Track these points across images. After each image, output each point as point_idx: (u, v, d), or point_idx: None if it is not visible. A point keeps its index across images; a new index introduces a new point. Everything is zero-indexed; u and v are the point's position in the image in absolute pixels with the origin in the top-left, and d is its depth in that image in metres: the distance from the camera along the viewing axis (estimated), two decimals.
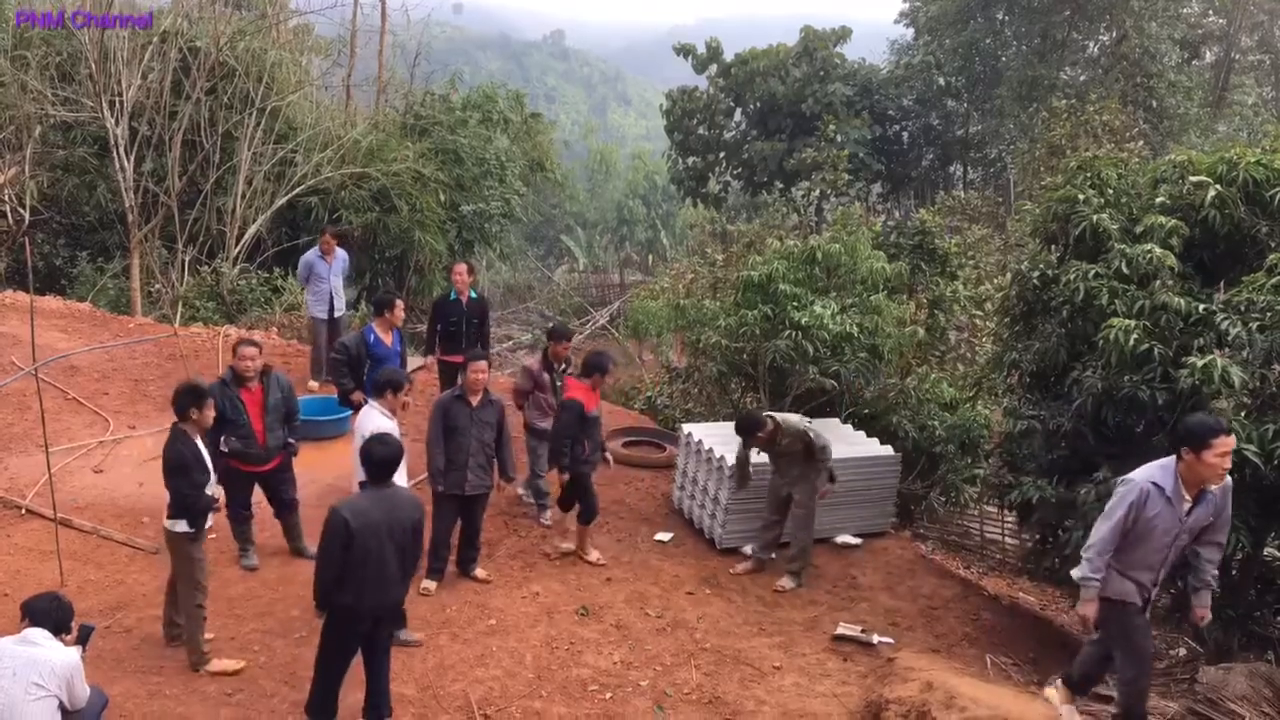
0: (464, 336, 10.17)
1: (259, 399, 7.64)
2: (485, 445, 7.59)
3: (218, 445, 7.47)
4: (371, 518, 5.55)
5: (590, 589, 8.15)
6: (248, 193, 17.34)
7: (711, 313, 11.31)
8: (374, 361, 8.88)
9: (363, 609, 5.64)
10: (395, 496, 5.69)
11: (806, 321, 10.02)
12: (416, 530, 5.74)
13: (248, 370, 7.58)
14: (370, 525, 5.53)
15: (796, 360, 10.21)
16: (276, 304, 15.83)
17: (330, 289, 11.55)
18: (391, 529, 5.58)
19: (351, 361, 8.86)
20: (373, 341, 9.02)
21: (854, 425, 10.47)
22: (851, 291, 10.96)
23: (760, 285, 10.49)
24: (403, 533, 5.63)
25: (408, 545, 5.68)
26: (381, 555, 5.57)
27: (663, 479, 10.60)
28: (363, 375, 8.87)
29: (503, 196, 21.09)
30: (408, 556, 5.71)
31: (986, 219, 23.23)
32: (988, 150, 33.78)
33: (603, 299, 35.41)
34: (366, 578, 5.56)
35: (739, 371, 11.32)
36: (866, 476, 9.57)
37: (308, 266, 11.58)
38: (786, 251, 10.95)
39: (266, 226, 17.57)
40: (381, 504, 5.60)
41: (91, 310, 14.34)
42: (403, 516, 5.65)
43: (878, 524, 9.80)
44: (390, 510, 5.60)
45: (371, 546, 5.54)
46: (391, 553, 5.60)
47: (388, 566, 5.59)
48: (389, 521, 5.57)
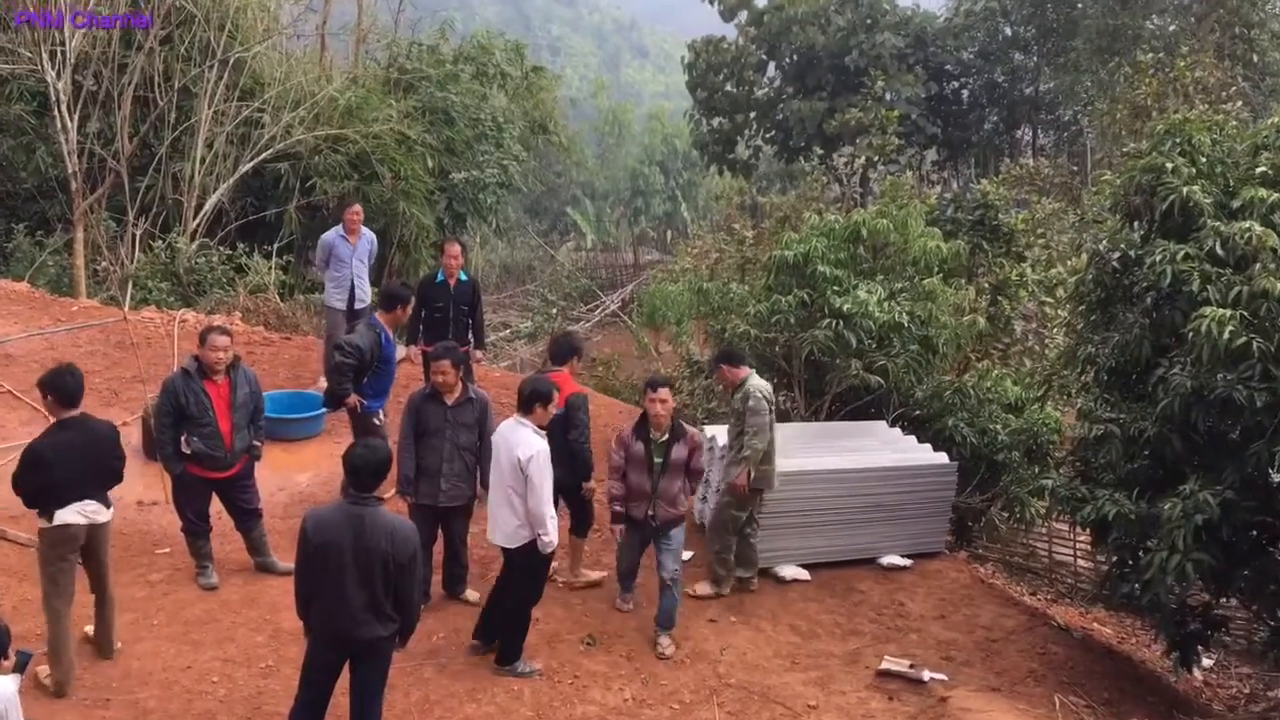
0: (452, 325, 10.17)
1: (226, 394, 7.64)
2: (463, 450, 7.60)
3: (177, 445, 7.52)
4: (334, 534, 5.46)
5: (598, 615, 8.17)
6: (208, 157, 17.42)
7: (739, 298, 11.28)
8: (382, 363, 8.66)
9: (326, 637, 5.63)
10: (374, 519, 5.53)
11: (849, 309, 10.00)
12: (400, 567, 5.53)
13: (220, 363, 7.59)
14: (331, 544, 5.45)
15: (837, 353, 10.19)
16: (240, 285, 15.91)
17: (352, 275, 11.27)
18: (358, 554, 5.45)
19: (362, 367, 8.55)
20: (385, 341, 8.70)
21: (903, 429, 10.46)
22: (901, 274, 10.92)
23: (796, 266, 10.47)
24: (371, 563, 5.46)
25: (378, 580, 5.50)
26: (341, 581, 5.46)
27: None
28: (368, 373, 8.62)
29: (499, 163, 21.12)
30: (379, 592, 5.52)
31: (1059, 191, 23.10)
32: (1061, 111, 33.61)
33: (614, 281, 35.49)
34: (325, 602, 5.53)
35: (771, 366, 11.29)
36: (917, 488, 9.57)
37: (327, 248, 11.34)
38: (826, 227, 10.92)
39: (229, 196, 17.66)
40: (352, 522, 5.48)
41: (29, 291, 14.44)
42: (375, 545, 5.47)
43: (930, 543, 9.79)
44: (360, 532, 5.47)
45: (330, 568, 5.46)
46: (354, 582, 5.46)
47: (347, 596, 5.47)
48: (356, 545, 5.45)
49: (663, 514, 7.74)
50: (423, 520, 7.61)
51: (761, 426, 8.26)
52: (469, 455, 7.64)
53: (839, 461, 9.50)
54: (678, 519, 7.80)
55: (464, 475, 7.64)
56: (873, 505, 9.44)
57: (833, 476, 9.31)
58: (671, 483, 7.71)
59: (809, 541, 9.28)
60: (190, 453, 7.53)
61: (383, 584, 5.52)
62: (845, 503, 9.35)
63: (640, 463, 7.73)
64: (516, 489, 6.89)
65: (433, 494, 7.58)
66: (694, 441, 7.82)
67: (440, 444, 7.55)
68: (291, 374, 12.35)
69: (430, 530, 7.69)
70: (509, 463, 6.89)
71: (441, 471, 7.55)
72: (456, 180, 20.28)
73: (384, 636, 5.64)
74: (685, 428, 7.84)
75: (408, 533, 5.63)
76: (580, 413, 7.91)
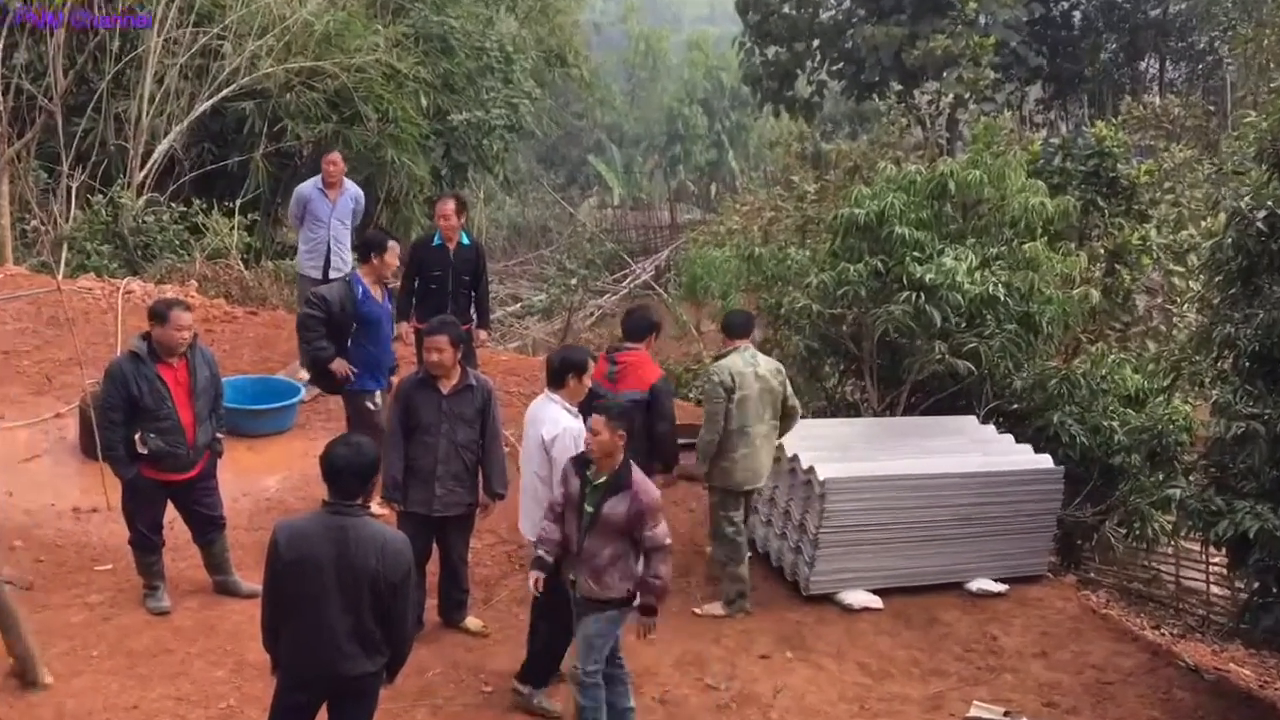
0: (450, 298, 10.21)
1: (185, 380, 7.66)
2: (462, 448, 7.64)
3: (129, 445, 7.58)
4: (311, 548, 5.47)
5: (627, 649, 8.19)
6: (158, 95, 17.51)
7: (799, 266, 11.25)
8: (361, 324, 8.84)
9: (297, 675, 5.64)
10: (360, 531, 5.53)
11: (932, 279, 9.95)
12: (392, 587, 5.54)
13: (182, 344, 7.65)
14: (308, 559, 5.46)
15: (917, 334, 10.16)
16: (196, 248, 16.02)
17: (329, 237, 11.40)
18: (341, 573, 5.45)
19: (332, 320, 8.72)
20: (361, 296, 8.86)
21: (997, 426, 10.42)
22: (997, 238, 10.86)
23: (868, 228, 10.43)
24: (357, 583, 5.47)
25: (365, 604, 5.50)
26: (319, 606, 5.46)
27: None
28: (346, 339, 8.80)
29: (508, 101, 21.14)
30: (366, 619, 5.53)
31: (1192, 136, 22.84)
32: (1194, 38, 33.21)
33: (646, 245, 35.44)
34: (299, 632, 5.53)
35: (836, 349, 11.26)
36: (1014, 498, 9.55)
37: (302, 202, 11.48)
38: (905, 181, 10.86)
39: (183, 142, 17.77)
40: (332, 533, 5.48)
41: None
42: (361, 562, 5.47)
43: (1030, 565, 9.77)
44: (344, 546, 5.47)
45: (306, 590, 5.46)
46: (337, 607, 5.47)
47: (328, 624, 5.47)
48: (339, 562, 5.45)
49: (583, 587, 6.75)
50: (414, 532, 7.58)
51: (711, 416, 8.58)
52: (469, 454, 7.67)
53: (918, 465, 9.47)
54: (601, 603, 6.73)
55: (463, 478, 7.68)
56: (960, 519, 9.41)
57: (910, 484, 9.28)
58: (600, 547, 6.66)
59: (882, 563, 9.27)
60: (147, 452, 7.55)
61: (371, 609, 5.53)
62: (926, 515, 9.33)
63: (573, 506, 6.81)
64: (541, 474, 7.14)
65: (425, 501, 7.62)
66: (642, 502, 6.59)
67: (435, 440, 7.58)
68: (258, 356, 12.44)
69: (423, 544, 7.70)
70: (534, 443, 7.21)
71: (436, 474, 7.59)
72: (456, 123, 20.32)
73: (371, 673, 5.66)
74: (636, 477, 6.67)
75: (400, 547, 5.63)
76: (668, 401, 8.17)
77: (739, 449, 8.65)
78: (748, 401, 8.63)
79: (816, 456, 9.16)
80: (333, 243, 11.40)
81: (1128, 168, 12.52)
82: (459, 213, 10.30)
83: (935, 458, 9.64)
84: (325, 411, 11.08)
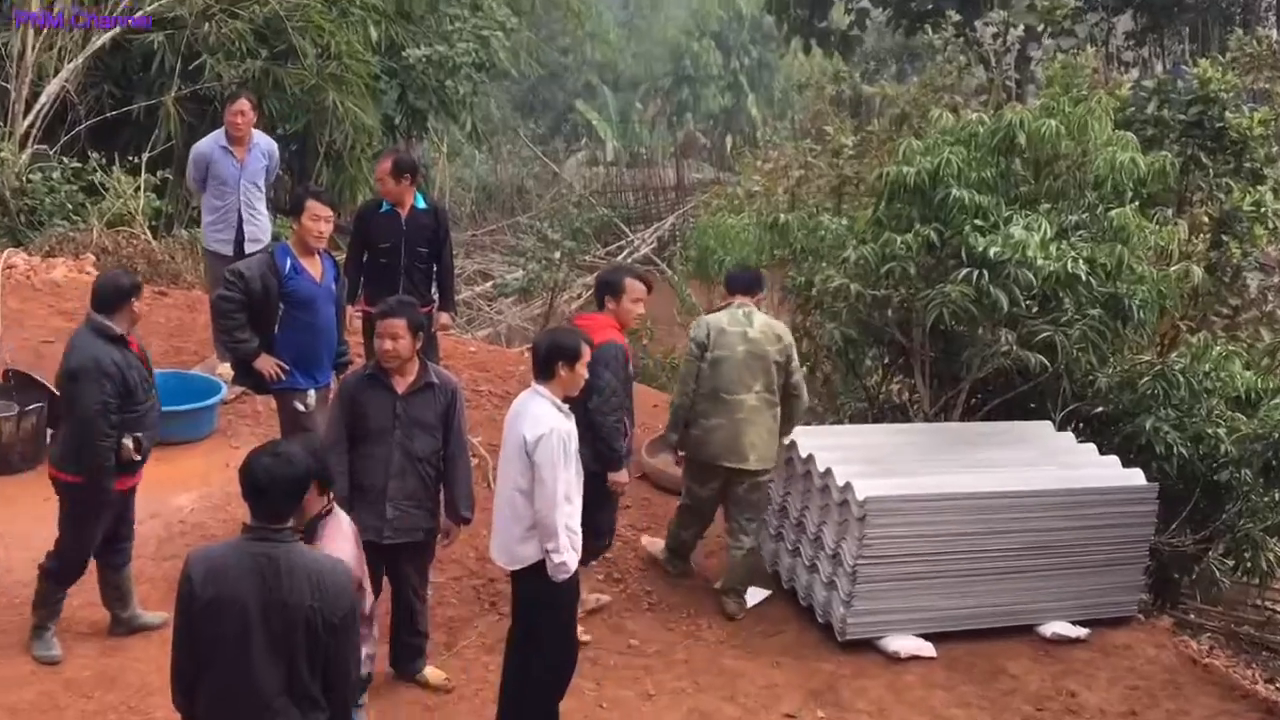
0: (404, 275, 10.24)
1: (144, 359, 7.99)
2: (419, 460, 7.64)
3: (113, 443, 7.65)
4: (233, 586, 5.39)
5: (621, 704, 8.21)
6: (44, 30, 17.46)
7: (834, 236, 11.25)
8: (291, 306, 8.80)
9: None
10: (292, 559, 5.45)
11: (998, 253, 9.94)
12: (332, 628, 5.45)
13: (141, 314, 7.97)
14: (228, 599, 5.38)
15: (979, 319, 10.16)
16: (94, 213, 15.98)
17: (239, 203, 11.45)
18: (269, 614, 5.37)
19: (254, 303, 8.68)
20: (289, 270, 8.80)
21: (1077, 433, 10.44)
22: (1077, 202, 10.87)
23: (919, 190, 10.43)
24: (289, 625, 5.38)
25: (299, 649, 5.41)
26: (242, 655, 5.38)
27: None
28: (272, 325, 8.77)
29: (476, 34, 21.09)
30: (301, 668, 5.45)
31: None
32: None
33: (646, 211, 35.43)
34: (218, 687, 5.45)
35: (879, 338, 11.25)
36: (1097, 522, 9.56)
37: (203, 163, 11.52)
38: (965, 132, 10.86)
39: (77, 83, 17.70)
40: (260, 567, 5.40)
41: None
42: (294, 599, 5.38)
43: (1115, 604, 9.81)
44: (272, 580, 5.39)
45: (227, 634, 5.37)
46: (264, 654, 5.39)
47: (253, 677, 5.38)
48: (266, 600, 5.38)
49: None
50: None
51: (682, 376, 9.26)
52: (428, 469, 7.67)
53: (979, 482, 9.49)
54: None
55: (420, 498, 7.68)
56: (1030, 548, 9.44)
57: (970, 504, 9.29)
58: None
59: (933, 601, 9.30)
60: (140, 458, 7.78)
61: (306, 655, 5.46)
62: (989, 544, 9.35)
63: None
64: (522, 485, 7.12)
65: (374, 525, 7.58)
66: None
67: (386, 451, 7.58)
68: (169, 346, 12.43)
69: (371, 579, 7.66)
70: (514, 446, 7.17)
71: (387, 492, 7.58)
72: (413, 60, 20.27)
73: None
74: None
75: (341, 579, 5.58)
76: (605, 370, 8.15)
77: (712, 417, 9.02)
78: (726, 364, 9.00)
79: (854, 471, 9.16)
80: (244, 210, 11.45)
81: (1238, 117, 12.48)
82: (398, 175, 10.20)
83: (1000, 472, 9.68)
84: (252, 414, 11.09)
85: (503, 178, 37.20)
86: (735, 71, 46.47)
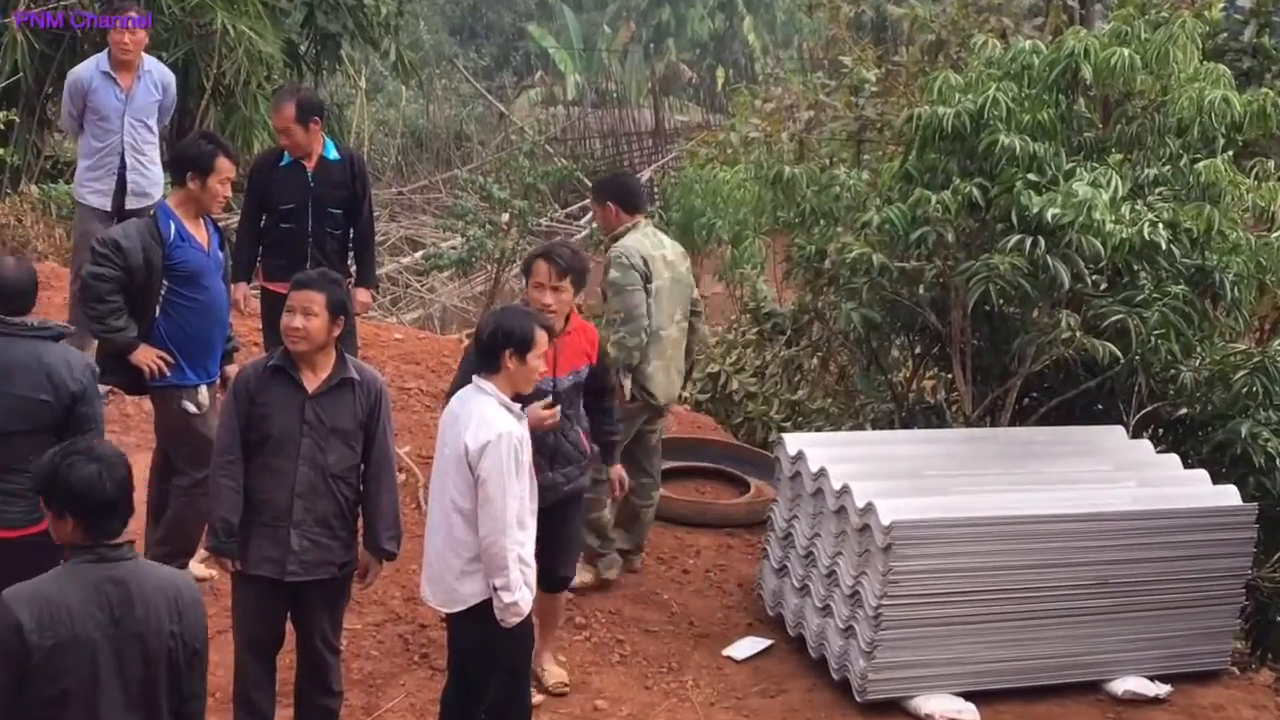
0: (312, 243, 10.27)
1: None
2: (334, 478, 7.60)
3: None
4: (74, 624, 5.35)
5: None
6: None
7: (852, 194, 11.25)
8: (176, 283, 8.79)
9: None
10: (144, 579, 5.49)
11: (1057, 215, 9.94)
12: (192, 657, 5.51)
13: None
14: (73, 644, 5.36)
15: (1034, 299, 10.17)
16: None
17: (123, 145, 11.52)
18: (123, 651, 5.37)
19: (133, 279, 8.69)
20: (173, 237, 8.80)
21: (1156, 441, 10.47)
22: (1156, 152, 10.88)
23: (959, 136, 10.44)
24: (150, 660, 5.40)
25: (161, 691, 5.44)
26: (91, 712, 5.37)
27: (742, 548, 10.72)
28: (153, 307, 8.79)
29: None
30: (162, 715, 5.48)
31: None
32: None
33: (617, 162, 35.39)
34: None
35: (909, 322, 11.26)
36: (1182, 552, 9.56)
37: (80, 94, 11.55)
38: (1016, 63, 10.86)
39: None
40: (104, 592, 5.39)
41: None
42: (153, 626, 5.41)
43: (1204, 656, 9.79)
44: (125, 608, 5.39)
45: (70, 689, 5.34)
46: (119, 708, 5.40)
47: None
48: (119, 634, 5.37)
49: None
50: (257, 606, 7.64)
51: (632, 307, 9.53)
52: (344, 487, 7.62)
53: (1033, 502, 9.48)
54: None
55: (333, 524, 7.61)
56: (1097, 584, 9.42)
57: (1021, 530, 9.29)
58: None
59: (976, 652, 9.29)
60: None
61: (168, 696, 5.49)
62: (1045, 579, 9.34)
63: None
64: (462, 504, 7.14)
65: (274, 558, 7.53)
66: None
67: (290, 464, 7.51)
68: None
69: (272, 624, 7.71)
70: (453, 456, 7.19)
71: (292, 515, 7.50)
72: None
73: None
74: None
75: (197, 595, 5.67)
76: None
77: (651, 359, 9.61)
78: (661, 294, 9.62)
79: (877, 488, 9.13)
80: (129, 155, 11.48)
81: None
82: (304, 119, 10.19)
83: (1059, 490, 9.67)
84: (122, 419, 11.05)
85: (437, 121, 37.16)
86: None
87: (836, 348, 12.71)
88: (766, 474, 11.15)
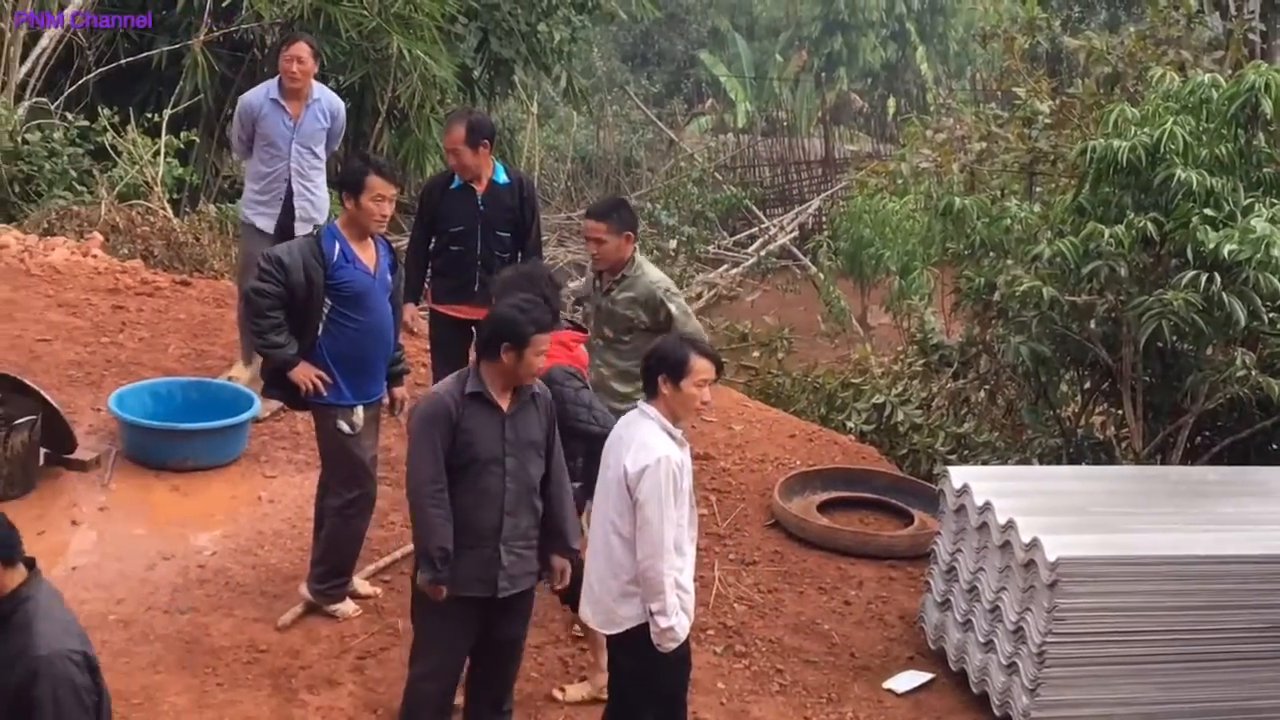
0: (482, 265, 10.30)
1: None
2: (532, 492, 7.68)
3: None
4: None
5: None
6: None
7: (1023, 227, 11.18)
8: (339, 303, 8.82)
9: None
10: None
11: (1234, 251, 9.82)
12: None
13: None
14: None
15: (1209, 335, 10.05)
16: (102, 183, 16.20)
17: (290, 172, 11.59)
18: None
19: (292, 293, 8.69)
20: (336, 257, 8.81)
21: None
22: None
23: (1134, 170, 10.35)
24: None
25: None
26: None
27: (905, 581, 10.69)
28: (315, 326, 8.82)
29: None
30: None
31: None
32: None
33: (786, 192, 35.37)
34: None
35: (1079, 357, 11.17)
36: None
37: (249, 118, 11.62)
38: (1195, 97, 10.75)
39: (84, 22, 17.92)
40: None
41: None
42: None
43: None
44: None
45: None
46: None
47: None
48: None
49: None
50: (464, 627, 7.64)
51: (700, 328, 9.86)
52: (538, 497, 7.71)
53: (1205, 542, 9.34)
54: None
55: (532, 536, 7.70)
56: (1268, 626, 9.24)
57: (1192, 570, 9.14)
58: None
59: (1142, 693, 9.16)
60: None
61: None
62: (1216, 621, 9.19)
63: None
64: (621, 527, 7.20)
65: (486, 578, 7.55)
66: None
67: (498, 483, 7.54)
68: (190, 349, 12.59)
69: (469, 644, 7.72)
70: (613, 478, 7.27)
71: (502, 533, 7.54)
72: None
73: None
74: None
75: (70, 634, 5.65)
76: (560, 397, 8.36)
77: None
78: None
79: (1043, 524, 9.03)
80: (295, 180, 11.56)
81: None
82: (474, 142, 10.22)
83: (1233, 531, 9.54)
84: (289, 434, 11.18)
85: (606, 147, 37.27)
86: (901, 17, 46.42)
87: (1004, 381, 12.63)
88: (930, 506, 11.12)
